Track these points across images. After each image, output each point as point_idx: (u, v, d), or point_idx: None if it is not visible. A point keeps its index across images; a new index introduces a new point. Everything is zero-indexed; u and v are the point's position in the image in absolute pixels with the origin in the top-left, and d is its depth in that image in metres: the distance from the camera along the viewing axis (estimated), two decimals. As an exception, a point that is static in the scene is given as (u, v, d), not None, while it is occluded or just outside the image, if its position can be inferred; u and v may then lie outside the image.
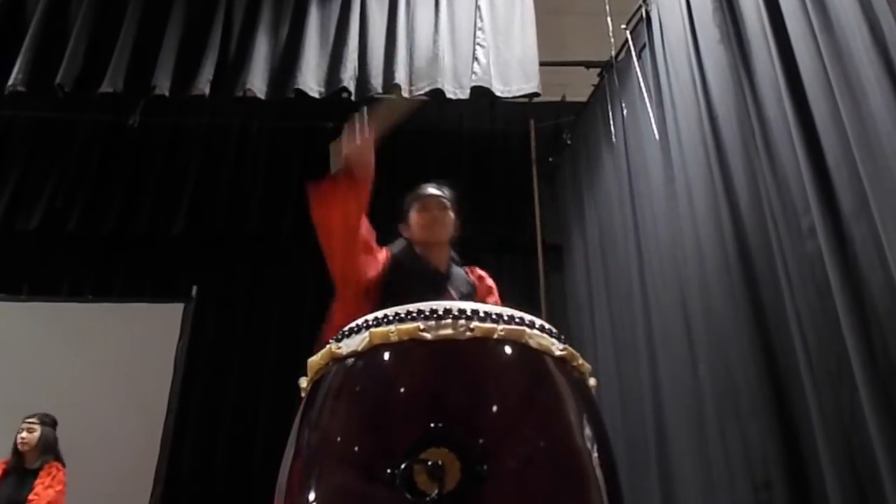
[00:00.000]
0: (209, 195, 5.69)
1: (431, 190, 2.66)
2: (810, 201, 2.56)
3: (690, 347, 3.37)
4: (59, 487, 4.13)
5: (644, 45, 4.18)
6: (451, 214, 2.61)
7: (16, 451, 4.20)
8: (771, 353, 2.79)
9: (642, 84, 4.08)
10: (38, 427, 4.27)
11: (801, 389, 2.56)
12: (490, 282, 2.63)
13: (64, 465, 4.26)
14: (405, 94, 4.35)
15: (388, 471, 1.19)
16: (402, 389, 1.37)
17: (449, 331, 1.36)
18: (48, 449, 4.26)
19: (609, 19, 4.62)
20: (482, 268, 2.72)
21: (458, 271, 2.59)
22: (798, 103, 2.69)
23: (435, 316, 1.38)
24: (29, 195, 5.56)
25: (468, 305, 1.42)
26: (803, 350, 2.56)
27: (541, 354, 1.41)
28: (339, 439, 1.35)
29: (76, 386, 4.82)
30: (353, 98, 4.39)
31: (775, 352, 2.77)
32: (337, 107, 5.54)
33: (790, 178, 2.71)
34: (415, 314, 1.40)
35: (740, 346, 2.94)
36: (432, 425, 1.24)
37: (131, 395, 4.85)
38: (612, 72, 4.66)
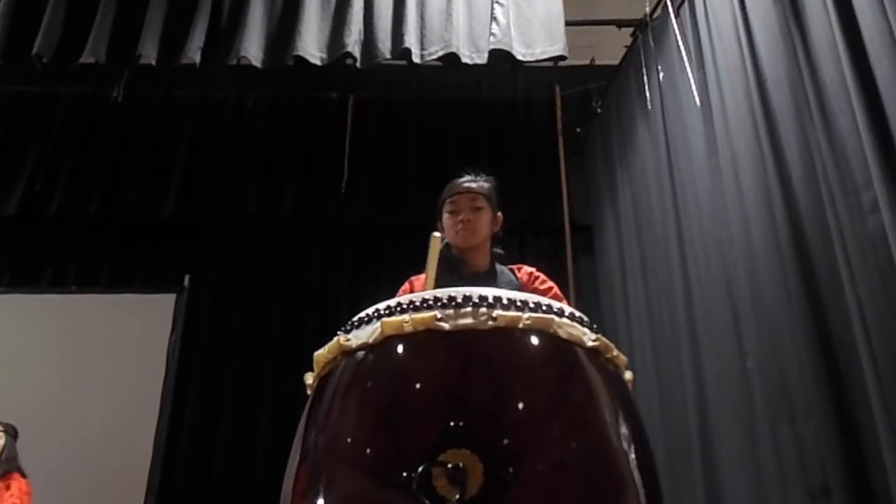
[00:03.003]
0: (202, 175, 5.71)
1: (464, 184, 2.61)
2: (872, 174, 2.52)
3: (737, 339, 3.35)
4: (26, 499, 4.19)
5: (683, 1, 4.13)
6: (486, 213, 2.58)
7: None
8: (828, 345, 2.77)
9: (681, 45, 4.04)
10: (2, 436, 4.33)
11: (863, 385, 2.54)
12: (547, 281, 2.58)
13: (25, 476, 4.31)
14: (416, 59, 4.33)
15: (404, 475, 1.19)
16: (418, 385, 1.36)
17: (469, 320, 1.36)
18: (10, 460, 4.31)
19: (644, -28, 4.58)
20: (523, 262, 2.70)
21: (502, 270, 2.58)
22: (858, 64, 2.65)
23: (453, 304, 1.38)
24: (5, 177, 5.62)
25: (490, 292, 1.42)
26: (865, 341, 2.53)
27: (571, 346, 1.40)
28: (349, 441, 1.35)
29: (59, 385, 4.88)
30: (358, 65, 4.38)
31: (833, 343, 2.75)
32: (341, 74, 5.59)
33: (849, 148, 2.68)
34: (431, 302, 1.39)
35: (794, 338, 2.92)
36: (452, 424, 1.24)
37: (120, 395, 4.90)
38: (647, 31, 4.61)
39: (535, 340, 1.38)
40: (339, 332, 1.50)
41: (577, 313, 1.48)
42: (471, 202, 2.57)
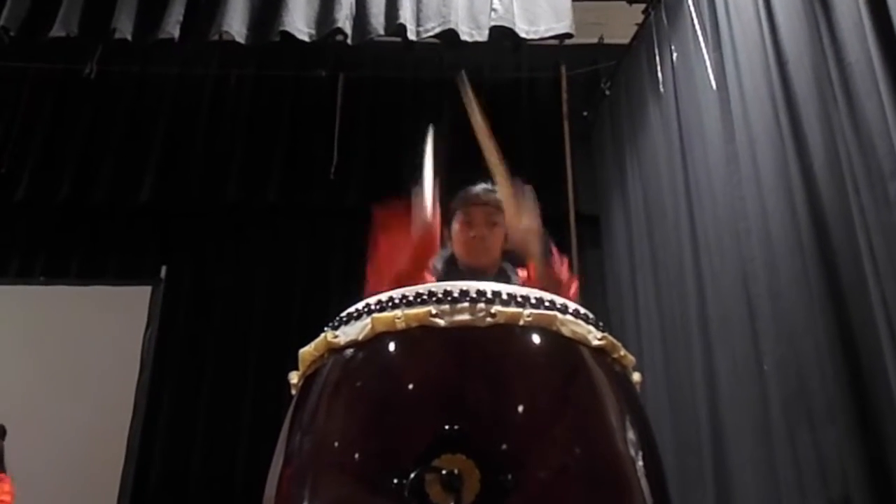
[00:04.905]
0: (181, 158, 5.69)
1: (481, 196, 2.55)
2: (900, 162, 2.53)
3: (753, 338, 3.35)
4: (7, 499, 4.21)
5: (699, -25, 4.13)
6: (502, 230, 2.50)
7: None
8: (851, 345, 2.77)
9: (696, 22, 4.04)
10: None
11: (888, 388, 2.54)
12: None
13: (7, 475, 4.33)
14: (411, 36, 4.31)
15: (396, 481, 1.19)
16: (410, 385, 1.37)
17: (466, 316, 1.36)
18: None
19: (656, -56, 4.57)
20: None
21: (509, 278, 2.54)
22: (885, 45, 2.64)
23: (449, 298, 1.38)
24: (-32, 159, 5.59)
25: (488, 286, 1.42)
26: (890, 341, 2.53)
27: (575, 344, 1.41)
28: (336, 444, 1.35)
29: (26, 383, 4.87)
30: (349, 42, 4.36)
31: (856, 343, 2.75)
32: (330, 52, 5.56)
33: (875, 135, 2.67)
34: (425, 296, 1.39)
35: (814, 337, 2.92)
36: (447, 427, 1.24)
37: (91, 393, 4.89)
38: (659, 7, 4.61)
39: (536, 338, 1.38)
40: (326, 329, 1.50)
41: (582, 310, 1.48)
42: (487, 217, 2.51)
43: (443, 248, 2.61)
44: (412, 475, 1.18)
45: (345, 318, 1.48)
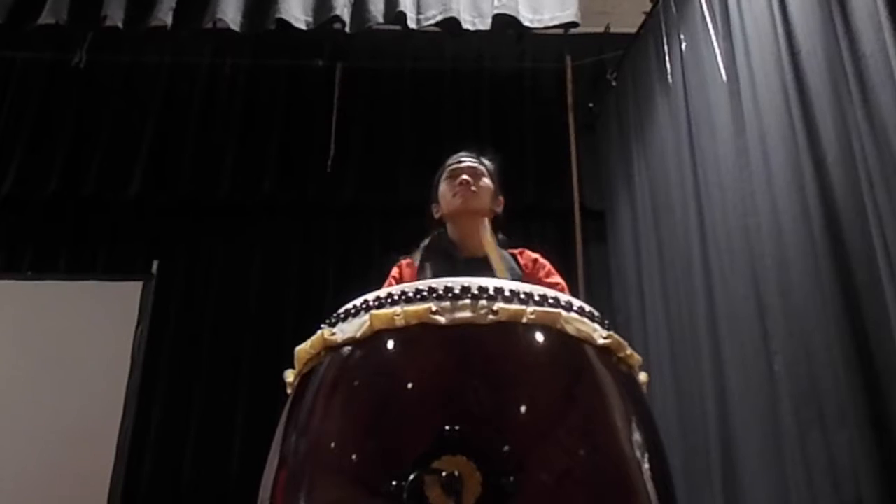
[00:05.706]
0: (173, 150, 5.68)
1: (462, 157, 2.73)
2: (916, 156, 2.53)
3: (764, 337, 3.35)
4: None
5: (709, -38, 4.12)
6: (487, 181, 2.67)
7: None
8: (864, 345, 2.77)
9: (706, 11, 4.03)
10: None
11: (902, 389, 2.55)
12: (553, 274, 2.65)
13: None
14: (412, 24, 4.31)
15: (394, 483, 1.20)
16: (410, 384, 1.37)
17: (467, 313, 1.36)
18: None
19: (665, -70, 4.56)
20: (526, 247, 2.73)
21: (503, 255, 2.60)
22: (902, 34, 2.65)
23: (450, 295, 1.38)
24: (-47, 151, 5.58)
25: (490, 283, 1.42)
26: (904, 341, 2.54)
27: (580, 343, 1.41)
28: (333, 445, 1.35)
29: (11, 380, 4.86)
30: (347, 30, 4.36)
31: (870, 343, 2.75)
32: (328, 41, 5.56)
33: (890, 127, 2.67)
34: (425, 293, 1.39)
35: (826, 336, 2.92)
36: (447, 428, 1.24)
37: (80, 392, 4.89)
38: (668, -5, 4.61)
39: (539, 337, 1.38)
40: (323, 326, 1.50)
41: (587, 307, 1.48)
42: (470, 168, 2.67)
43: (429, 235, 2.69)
44: (411, 477, 1.18)
45: (342, 315, 1.48)
